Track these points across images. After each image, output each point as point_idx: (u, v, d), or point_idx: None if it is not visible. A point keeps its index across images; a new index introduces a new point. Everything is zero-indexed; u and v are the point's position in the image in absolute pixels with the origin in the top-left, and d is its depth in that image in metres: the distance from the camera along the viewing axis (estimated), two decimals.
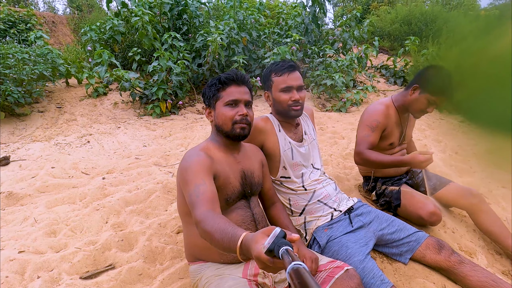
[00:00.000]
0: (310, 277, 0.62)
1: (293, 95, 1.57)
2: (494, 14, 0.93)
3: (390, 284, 1.32)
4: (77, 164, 2.94)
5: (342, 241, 1.50)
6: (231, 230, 0.91)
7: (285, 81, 1.57)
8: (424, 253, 1.57)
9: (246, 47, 5.58)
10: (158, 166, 2.87)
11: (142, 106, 4.82)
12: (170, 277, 1.55)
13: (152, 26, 4.86)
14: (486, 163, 1.21)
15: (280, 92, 1.59)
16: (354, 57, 5.64)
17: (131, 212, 2.07)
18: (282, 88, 1.58)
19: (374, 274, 1.35)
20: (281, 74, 1.58)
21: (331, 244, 1.52)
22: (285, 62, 1.62)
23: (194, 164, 1.22)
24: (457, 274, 1.50)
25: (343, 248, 1.47)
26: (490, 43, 0.80)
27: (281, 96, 1.59)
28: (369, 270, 1.36)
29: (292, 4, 6.80)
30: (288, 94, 1.57)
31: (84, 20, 7.88)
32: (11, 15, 6.43)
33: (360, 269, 1.37)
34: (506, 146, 0.71)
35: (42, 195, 2.39)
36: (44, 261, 1.61)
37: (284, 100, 1.58)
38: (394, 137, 2.00)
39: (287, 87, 1.57)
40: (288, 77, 1.57)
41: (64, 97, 4.80)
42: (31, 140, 3.70)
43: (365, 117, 1.96)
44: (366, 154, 1.84)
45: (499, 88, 0.71)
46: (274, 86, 1.62)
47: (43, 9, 10.44)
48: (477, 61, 0.86)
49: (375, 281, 1.33)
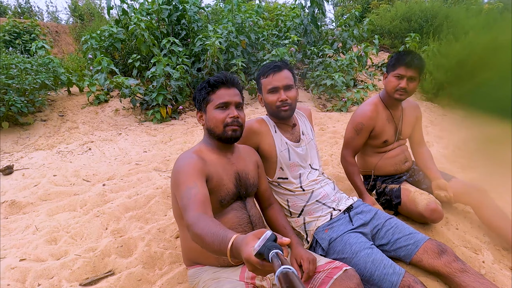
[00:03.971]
0: (298, 281, 0.62)
1: (280, 95, 1.56)
2: (497, 7, 0.93)
3: (403, 271, 1.30)
4: (79, 171, 2.96)
5: (344, 239, 1.48)
6: (221, 233, 0.90)
7: (270, 82, 1.57)
8: (421, 257, 1.47)
9: (245, 50, 5.59)
10: (158, 172, 2.88)
11: (142, 112, 4.84)
12: (169, 282, 1.55)
13: (150, 32, 4.89)
14: (487, 153, 1.20)
15: (268, 94, 1.59)
16: (354, 56, 5.63)
17: (131, 218, 2.08)
18: (269, 89, 1.58)
19: (384, 264, 1.33)
20: (267, 75, 1.58)
21: (334, 245, 1.50)
22: (272, 63, 1.61)
23: (185, 167, 1.22)
24: (458, 283, 1.37)
25: (347, 246, 1.45)
26: (493, 36, 0.80)
27: (269, 97, 1.59)
28: (379, 261, 1.35)
29: (291, 6, 6.80)
30: (275, 94, 1.57)
31: (85, 29, 7.96)
32: (16, 26, 6.55)
33: (370, 263, 1.35)
34: (506, 130, 0.71)
35: (43, 203, 2.40)
36: (44, 268, 1.61)
37: (272, 101, 1.58)
38: (387, 135, 1.99)
39: (273, 87, 1.57)
40: (273, 78, 1.56)
41: (66, 105, 4.85)
42: (34, 149, 3.74)
43: (352, 118, 2.03)
44: (346, 162, 2.04)
45: (504, 78, 0.71)
46: (263, 88, 1.62)
47: (47, 19, 10.57)
48: (481, 54, 0.86)
49: (388, 270, 1.31)
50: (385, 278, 1.30)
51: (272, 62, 1.63)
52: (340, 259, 1.43)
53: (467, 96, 1.21)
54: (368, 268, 1.35)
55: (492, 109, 0.85)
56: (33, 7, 10.67)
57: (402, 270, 1.31)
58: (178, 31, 5.74)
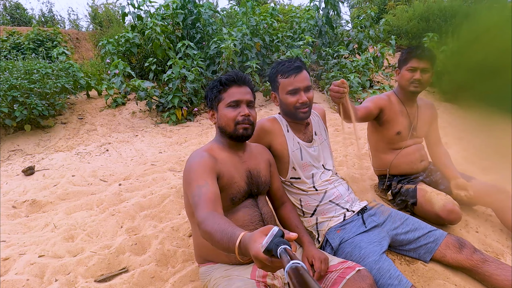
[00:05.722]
0: (308, 276, 0.61)
1: (301, 97, 1.51)
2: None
3: (409, 284, 1.25)
4: (96, 172, 3.03)
5: (355, 241, 1.45)
6: (230, 230, 0.90)
7: (292, 83, 1.51)
8: (444, 253, 1.48)
9: (259, 52, 5.61)
10: (173, 172, 2.91)
11: (158, 114, 4.93)
12: (181, 280, 1.56)
13: (165, 36, 4.98)
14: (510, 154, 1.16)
15: (287, 95, 1.54)
16: (370, 57, 5.55)
17: (145, 217, 2.10)
18: (289, 90, 1.52)
19: (391, 274, 1.29)
20: (287, 75, 1.52)
21: (343, 246, 1.47)
22: (291, 62, 1.55)
23: (197, 165, 1.23)
24: (482, 274, 1.40)
25: (356, 249, 1.41)
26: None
27: (288, 98, 1.54)
28: (386, 271, 1.30)
29: (306, 7, 6.78)
30: (296, 96, 1.52)
31: (104, 35, 8.20)
32: (39, 34, 6.85)
33: (375, 270, 1.31)
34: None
35: (62, 202, 2.47)
36: (61, 265, 1.65)
37: (292, 102, 1.53)
38: (399, 126, 1.96)
39: (294, 89, 1.51)
40: (295, 79, 1.51)
41: (85, 109, 4.99)
42: (54, 150, 3.86)
43: None
44: None
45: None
46: (280, 87, 1.56)
47: (68, 27, 10.96)
48: (505, 52, 0.83)
49: (392, 282, 1.26)
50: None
51: (289, 60, 1.56)
52: None
53: (489, 96, 1.17)
54: (374, 275, 1.31)
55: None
56: (55, 15, 11.12)
57: (409, 283, 1.26)
58: (193, 34, 5.83)
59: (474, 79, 1.48)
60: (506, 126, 1.15)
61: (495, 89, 1.09)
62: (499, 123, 1.17)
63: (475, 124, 1.46)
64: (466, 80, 1.69)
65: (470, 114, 1.48)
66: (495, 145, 1.39)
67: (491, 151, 2.30)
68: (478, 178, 1.96)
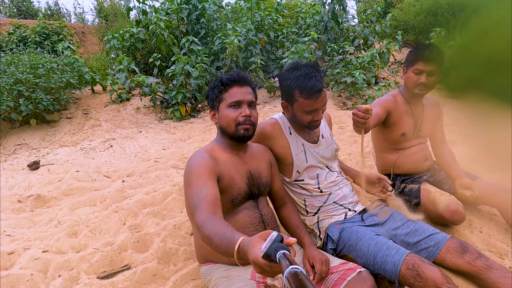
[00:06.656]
0: (307, 281, 0.61)
1: (317, 114, 1.50)
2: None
3: (407, 252, 1.26)
4: (100, 167, 3.05)
5: (353, 228, 1.48)
6: (229, 235, 0.90)
7: (312, 105, 1.47)
8: (444, 257, 1.44)
9: (264, 48, 5.57)
10: (176, 169, 2.92)
11: (162, 110, 4.94)
12: (182, 278, 1.57)
13: (170, 32, 4.96)
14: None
15: (304, 113, 1.50)
16: (376, 53, 5.48)
17: (148, 214, 2.12)
18: (307, 110, 1.49)
19: (388, 246, 1.31)
20: (310, 98, 1.46)
21: (343, 234, 1.49)
22: (313, 79, 1.45)
23: (197, 167, 1.22)
24: (484, 281, 1.35)
25: (354, 233, 1.44)
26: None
27: (304, 116, 1.51)
28: (383, 244, 1.33)
29: (311, 3, 6.70)
30: (312, 114, 1.50)
31: (109, 29, 8.21)
32: (45, 27, 6.86)
33: (373, 245, 1.34)
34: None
35: (66, 197, 2.50)
36: (65, 260, 1.67)
37: (308, 119, 1.51)
38: (405, 127, 1.93)
39: (314, 110, 1.49)
40: (316, 101, 1.46)
41: (90, 104, 5.01)
42: (59, 145, 3.89)
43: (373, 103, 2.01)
44: None
45: None
46: (297, 105, 1.50)
47: (74, 20, 10.97)
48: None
49: (390, 252, 1.28)
50: (387, 259, 1.27)
51: (310, 75, 1.46)
52: (347, 246, 1.44)
53: (498, 92, 1.15)
54: (371, 250, 1.33)
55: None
56: (61, 9, 11.13)
57: (407, 251, 1.26)
58: (198, 30, 5.80)
59: (483, 74, 1.45)
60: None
61: (504, 85, 1.07)
62: (507, 120, 1.15)
63: (482, 121, 1.43)
64: (474, 76, 1.65)
65: (477, 110, 1.45)
66: (502, 143, 1.37)
67: (498, 149, 2.27)
68: (484, 178, 1.93)
